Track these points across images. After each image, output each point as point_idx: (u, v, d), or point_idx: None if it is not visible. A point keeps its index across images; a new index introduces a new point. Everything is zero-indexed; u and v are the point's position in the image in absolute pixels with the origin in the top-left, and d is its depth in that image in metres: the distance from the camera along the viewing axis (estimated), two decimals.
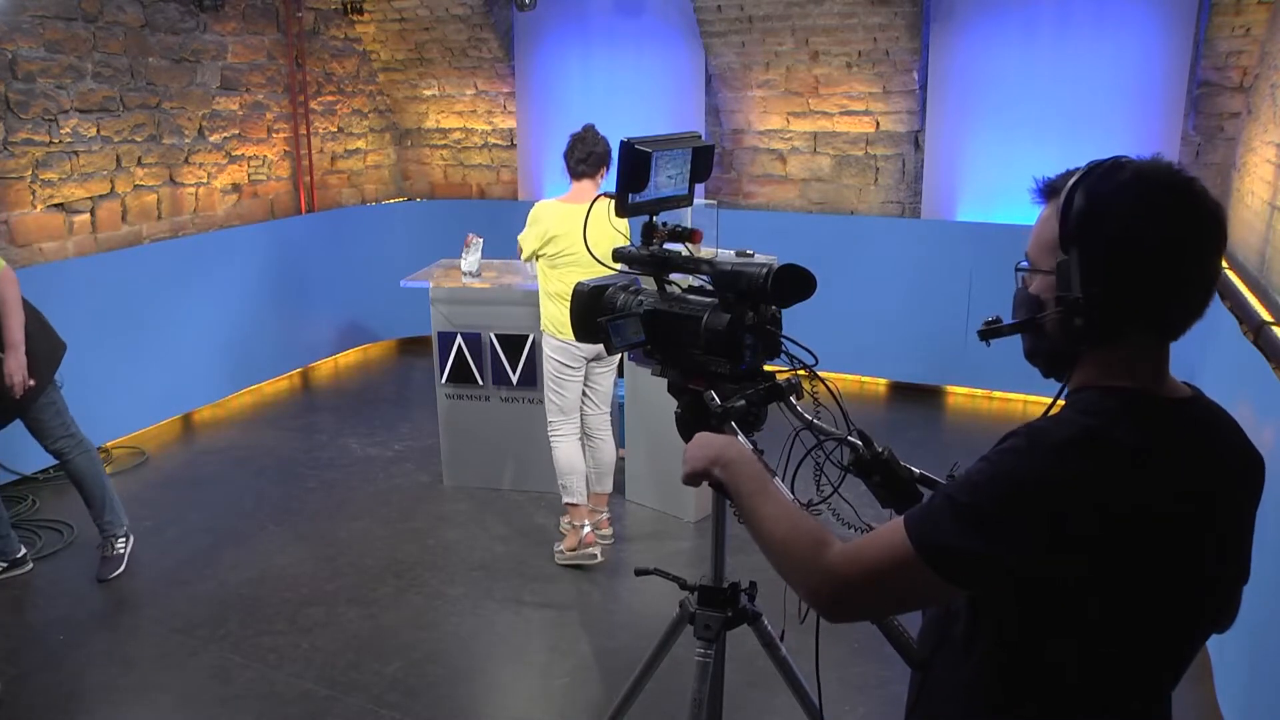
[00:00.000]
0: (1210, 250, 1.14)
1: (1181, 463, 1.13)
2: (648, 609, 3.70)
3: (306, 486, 4.77)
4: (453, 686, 3.22)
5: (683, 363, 1.79)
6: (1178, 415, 1.17)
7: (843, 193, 6.38)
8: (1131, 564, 1.10)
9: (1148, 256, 1.11)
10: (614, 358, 3.97)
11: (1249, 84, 5.08)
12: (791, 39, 5.95)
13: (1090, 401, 1.15)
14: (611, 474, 4.18)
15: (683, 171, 1.94)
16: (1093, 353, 1.17)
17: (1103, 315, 1.13)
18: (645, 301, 1.87)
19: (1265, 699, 2.44)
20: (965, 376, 5.97)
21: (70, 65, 5.07)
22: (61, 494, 4.71)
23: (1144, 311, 1.14)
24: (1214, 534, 1.16)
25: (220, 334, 5.87)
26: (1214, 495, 1.15)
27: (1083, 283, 1.13)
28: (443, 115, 7.59)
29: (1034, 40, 5.67)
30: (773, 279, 1.65)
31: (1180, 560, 1.13)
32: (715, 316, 1.72)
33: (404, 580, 3.89)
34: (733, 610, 1.95)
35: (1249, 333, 3.23)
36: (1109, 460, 1.09)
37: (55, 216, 5.08)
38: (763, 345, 1.73)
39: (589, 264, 3.77)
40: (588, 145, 3.84)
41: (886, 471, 1.62)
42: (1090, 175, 1.16)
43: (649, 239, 1.90)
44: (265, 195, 6.52)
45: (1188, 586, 1.15)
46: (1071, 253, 1.14)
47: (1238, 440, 1.22)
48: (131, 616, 3.62)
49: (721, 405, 1.70)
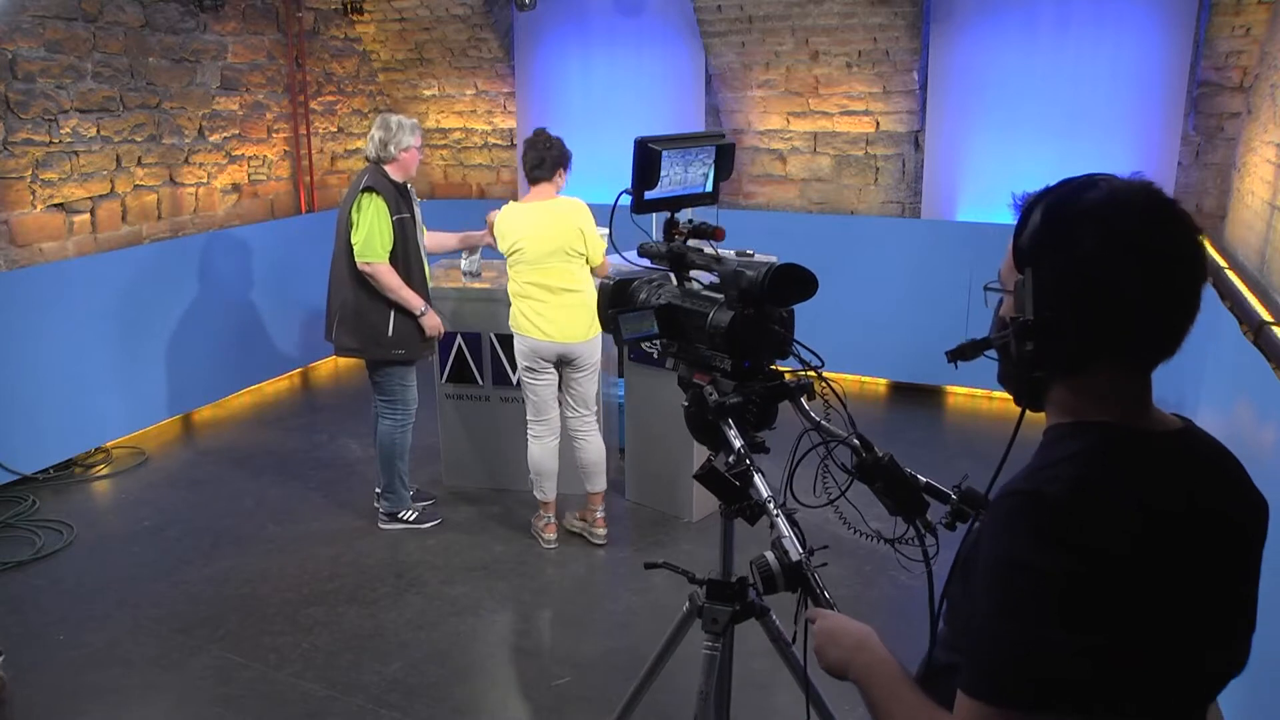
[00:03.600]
0: (1186, 279, 1.05)
1: (1167, 502, 1.05)
2: (648, 609, 3.70)
3: (306, 486, 4.77)
4: (453, 686, 3.22)
5: (691, 356, 1.84)
6: (1162, 450, 1.09)
7: (843, 193, 6.38)
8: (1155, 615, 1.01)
9: (1111, 284, 1.03)
10: (592, 364, 4.03)
11: (1249, 84, 5.08)
12: (791, 39, 5.95)
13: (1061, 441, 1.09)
14: (601, 472, 4.14)
15: (706, 170, 1.98)
16: (1064, 382, 1.10)
17: (1062, 342, 1.06)
18: (663, 296, 1.91)
19: (1265, 700, 2.44)
20: (965, 376, 5.91)
21: (70, 65, 5.07)
22: (61, 494, 4.71)
23: (1110, 341, 1.06)
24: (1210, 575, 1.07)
25: (220, 334, 5.87)
26: (1207, 534, 1.07)
27: (1036, 306, 1.06)
28: (443, 115, 7.59)
29: (1034, 40, 5.67)
30: (771, 278, 1.66)
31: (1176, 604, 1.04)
32: (720, 314, 1.75)
33: (404, 580, 3.89)
34: (740, 604, 1.96)
35: (1249, 333, 3.23)
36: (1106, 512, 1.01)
37: (55, 216, 5.08)
38: (767, 345, 1.74)
39: (535, 261, 3.85)
40: (539, 150, 3.89)
41: (888, 477, 1.60)
42: (1053, 193, 1.09)
43: (670, 235, 1.95)
44: (265, 195, 6.52)
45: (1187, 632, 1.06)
46: (1026, 273, 1.07)
47: (1236, 477, 1.14)
48: (131, 616, 3.62)
49: (718, 400, 1.73)
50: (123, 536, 4.27)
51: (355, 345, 4.08)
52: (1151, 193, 1.06)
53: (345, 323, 4.06)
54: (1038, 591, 0.99)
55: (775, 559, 1.59)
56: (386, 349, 4.06)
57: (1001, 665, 1.01)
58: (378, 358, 4.11)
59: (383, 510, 4.34)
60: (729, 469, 1.71)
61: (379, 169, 4.00)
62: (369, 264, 3.93)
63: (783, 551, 1.58)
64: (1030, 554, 1.00)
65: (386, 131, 3.98)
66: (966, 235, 5.76)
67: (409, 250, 4.06)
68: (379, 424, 4.24)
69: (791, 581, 1.58)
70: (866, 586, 3.67)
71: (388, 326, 4.03)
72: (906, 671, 1.22)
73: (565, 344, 3.92)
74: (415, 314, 4.05)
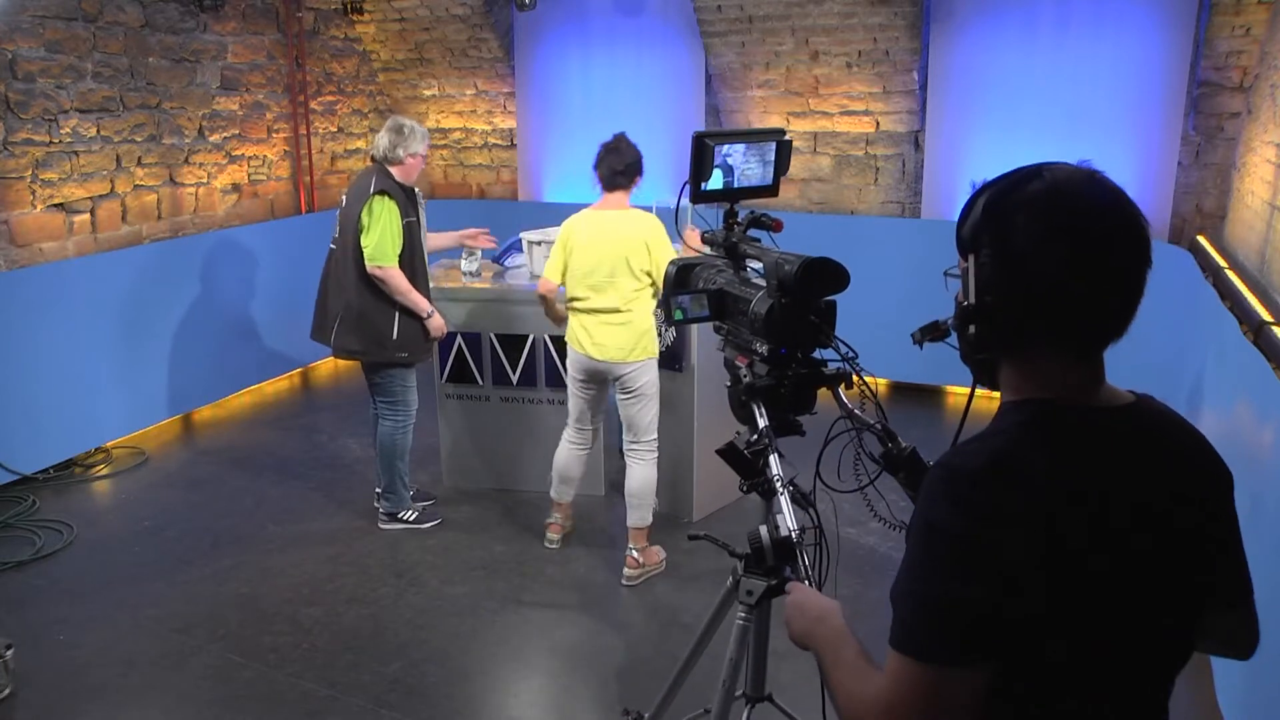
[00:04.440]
0: (1119, 265, 1.09)
1: (1103, 472, 1.09)
2: (648, 609, 3.70)
3: (306, 486, 4.77)
4: (453, 686, 3.22)
5: (737, 339, 1.98)
6: (1103, 424, 1.12)
7: (843, 193, 6.38)
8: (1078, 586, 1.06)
9: (1043, 273, 1.07)
10: (639, 388, 3.78)
11: (1249, 84, 5.08)
12: (791, 39, 5.95)
13: (1002, 417, 1.15)
14: (644, 507, 3.83)
15: (766, 165, 2.11)
16: (1009, 363, 1.16)
17: (1002, 326, 1.12)
18: (717, 281, 2.05)
19: (1265, 699, 2.44)
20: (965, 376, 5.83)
21: (70, 65, 5.07)
22: (62, 494, 4.71)
23: (1046, 325, 1.10)
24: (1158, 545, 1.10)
25: (220, 334, 5.87)
26: (1149, 504, 1.10)
27: (977, 292, 1.12)
28: (443, 115, 7.59)
29: (1034, 40, 5.67)
30: (801, 271, 1.77)
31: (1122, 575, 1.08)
32: (761, 302, 1.87)
33: (404, 580, 3.89)
34: (776, 579, 1.99)
35: (1249, 333, 3.23)
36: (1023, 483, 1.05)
37: (55, 216, 5.08)
38: (803, 334, 1.84)
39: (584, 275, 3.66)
40: (623, 155, 3.69)
41: (910, 468, 1.69)
42: (997, 183, 1.14)
43: (729, 226, 2.09)
44: (265, 195, 6.52)
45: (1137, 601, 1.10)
46: (969, 260, 1.13)
47: (1192, 451, 1.18)
48: (131, 616, 3.62)
49: (749, 382, 1.86)
50: (123, 536, 4.27)
51: (359, 348, 4.08)
52: (1093, 182, 1.10)
53: (348, 324, 4.04)
54: (948, 554, 1.06)
55: (767, 533, 1.71)
56: (391, 351, 4.06)
57: (915, 621, 1.07)
58: (381, 360, 4.10)
59: (383, 510, 4.34)
60: (748, 447, 1.83)
61: (385, 170, 4.00)
62: (380, 268, 3.91)
63: (774, 526, 1.69)
64: (944, 519, 1.07)
65: (399, 135, 3.98)
66: None
67: (415, 254, 4.05)
68: (380, 425, 4.24)
69: (780, 555, 1.69)
70: (866, 587, 3.67)
71: (392, 329, 4.02)
72: (859, 642, 1.27)
73: (606, 363, 3.75)
74: (423, 316, 4.05)
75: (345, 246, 4.00)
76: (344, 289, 4.03)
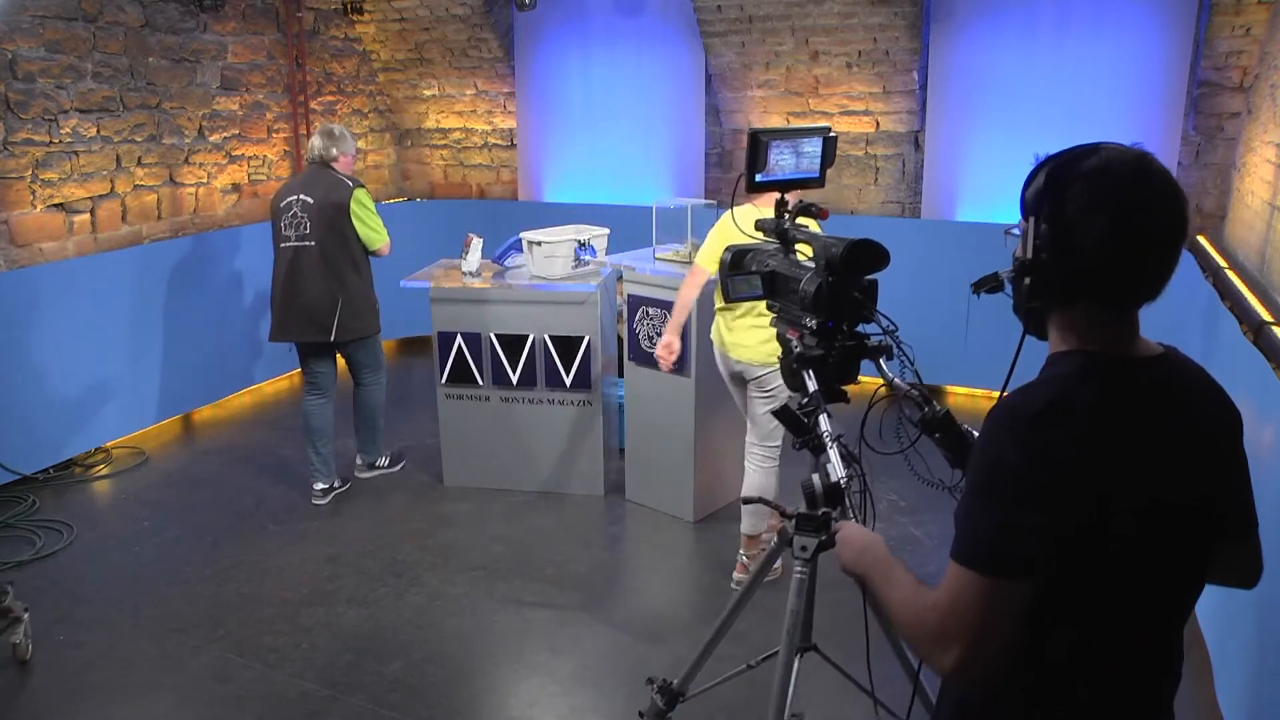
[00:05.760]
0: (1158, 234, 1.23)
1: (1141, 415, 1.23)
2: (648, 609, 3.70)
3: (307, 486, 4.77)
4: (453, 686, 3.22)
5: (788, 315, 2.18)
6: (1139, 373, 1.26)
7: (843, 193, 6.38)
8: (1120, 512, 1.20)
9: (1090, 236, 1.21)
10: (767, 392, 3.60)
11: (1249, 84, 5.08)
12: (791, 39, 5.95)
13: (1052, 366, 1.29)
14: (754, 513, 3.68)
15: (814, 158, 2.34)
16: (1057, 315, 1.30)
17: (1051, 281, 1.26)
18: (769, 264, 2.25)
19: (1266, 698, 2.44)
20: (965, 376, 5.96)
21: (70, 65, 5.07)
22: (61, 494, 4.71)
23: (1090, 282, 1.24)
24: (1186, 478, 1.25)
25: (220, 334, 5.87)
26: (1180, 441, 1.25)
27: (1032, 249, 1.26)
28: (443, 115, 7.59)
29: (1034, 40, 5.67)
30: (847, 252, 1.97)
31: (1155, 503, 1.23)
32: (811, 281, 2.06)
33: (404, 580, 3.89)
34: (826, 535, 2.13)
35: (1249, 333, 3.23)
36: (1075, 424, 1.20)
37: (55, 216, 5.08)
38: (848, 309, 2.04)
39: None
40: None
41: (944, 429, 1.91)
42: (1059, 157, 1.29)
43: (780, 213, 2.29)
44: (265, 195, 6.52)
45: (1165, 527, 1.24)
46: (1030, 221, 1.28)
47: (1210, 391, 1.33)
48: (131, 616, 3.62)
49: (800, 352, 2.08)
50: (123, 536, 4.27)
51: (359, 324, 4.47)
52: (1141, 160, 1.24)
53: (350, 309, 4.42)
54: (1008, 483, 1.20)
55: (819, 480, 1.94)
56: (378, 318, 4.58)
57: (978, 539, 1.22)
58: (375, 329, 4.56)
59: (363, 462, 4.86)
60: (801, 408, 2.08)
61: (331, 167, 4.49)
62: (387, 245, 4.48)
63: (825, 474, 1.92)
64: (1002, 450, 1.22)
65: (330, 138, 4.47)
66: (966, 235, 5.75)
67: None
68: (365, 392, 4.69)
69: (830, 499, 1.92)
70: None
71: (375, 299, 4.56)
72: (905, 564, 1.41)
73: (737, 361, 3.61)
74: None
75: (323, 240, 4.35)
76: (333, 277, 4.37)
